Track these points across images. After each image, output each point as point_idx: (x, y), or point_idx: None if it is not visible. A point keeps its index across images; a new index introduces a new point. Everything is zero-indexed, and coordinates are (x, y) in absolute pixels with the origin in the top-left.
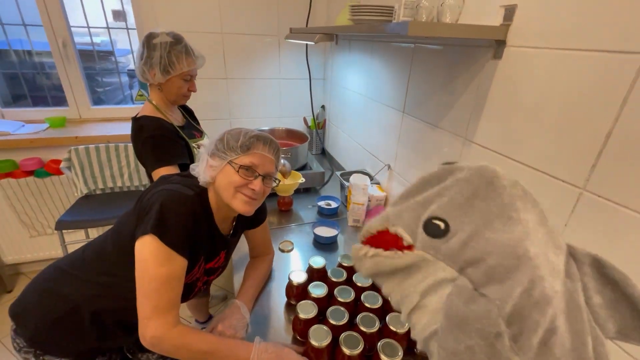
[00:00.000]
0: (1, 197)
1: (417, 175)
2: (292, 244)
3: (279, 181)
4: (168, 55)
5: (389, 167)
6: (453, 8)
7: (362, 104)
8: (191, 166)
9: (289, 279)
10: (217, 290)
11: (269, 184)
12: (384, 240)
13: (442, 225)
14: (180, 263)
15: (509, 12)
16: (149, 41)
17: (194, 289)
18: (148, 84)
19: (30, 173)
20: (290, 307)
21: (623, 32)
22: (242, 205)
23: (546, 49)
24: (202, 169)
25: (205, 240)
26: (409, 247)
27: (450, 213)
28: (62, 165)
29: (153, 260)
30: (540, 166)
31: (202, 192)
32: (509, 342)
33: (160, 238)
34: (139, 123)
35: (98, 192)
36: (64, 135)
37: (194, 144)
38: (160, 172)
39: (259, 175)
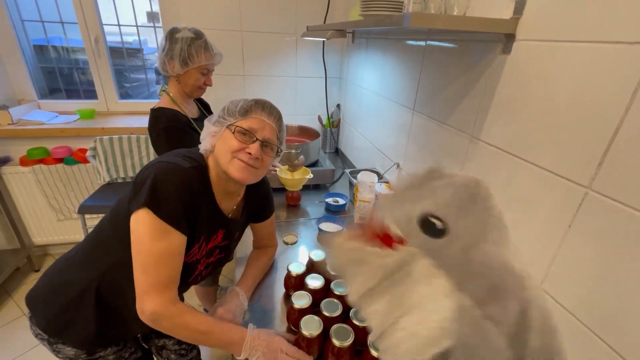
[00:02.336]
0: (33, 182)
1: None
2: (297, 237)
3: (282, 151)
4: (188, 49)
5: (398, 165)
6: (461, 1)
7: (375, 103)
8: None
9: (288, 269)
10: (226, 282)
11: (269, 153)
12: (375, 236)
13: (439, 224)
14: (178, 238)
15: (519, 5)
16: (172, 35)
17: (194, 270)
18: (167, 77)
19: (60, 160)
20: (288, 298)
21: (636, 21)
22: (237, 172)
23: (556, 42)
24: (203, 137)
25: (204, 215)
26: (401, 241)
27: (448, 213)
28: (87, 153)
29: (149, 236)
30: (545, 164)
31: (200, 166)
32: None
33: (155, 212)
34: (155, 114)
35: (119, 180)
36: (91, 126)
37: None
38: None
39: (257, 139)
